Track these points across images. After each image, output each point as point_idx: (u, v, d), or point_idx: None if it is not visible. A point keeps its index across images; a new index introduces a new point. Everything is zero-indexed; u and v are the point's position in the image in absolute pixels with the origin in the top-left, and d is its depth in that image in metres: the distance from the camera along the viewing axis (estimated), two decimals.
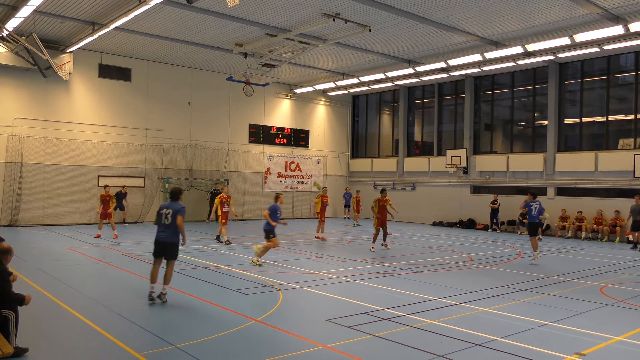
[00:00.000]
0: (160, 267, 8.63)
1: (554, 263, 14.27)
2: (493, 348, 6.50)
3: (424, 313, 8.14)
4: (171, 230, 8.41)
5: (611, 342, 6.90)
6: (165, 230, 8.42)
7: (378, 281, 10.81)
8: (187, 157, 25.23)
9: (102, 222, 17.32)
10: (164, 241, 8.43)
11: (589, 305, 8.97)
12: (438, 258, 14.48)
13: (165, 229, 8.42)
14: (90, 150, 22.48)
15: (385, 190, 16.27)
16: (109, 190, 17.28)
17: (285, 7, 16.38)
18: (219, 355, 6.17)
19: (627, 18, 16.46)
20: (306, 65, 24.30)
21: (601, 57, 21.25)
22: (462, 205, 26.16)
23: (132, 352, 6.09)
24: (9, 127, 20.65)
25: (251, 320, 7.53)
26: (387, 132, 31.14)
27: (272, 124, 28.64)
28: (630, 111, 21.03)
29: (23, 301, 6.00)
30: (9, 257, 6.20)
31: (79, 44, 20.01)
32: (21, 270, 10.70)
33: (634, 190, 19.54)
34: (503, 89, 25.50)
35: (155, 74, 24.26)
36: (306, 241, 18.11)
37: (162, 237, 8.44)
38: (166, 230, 8.42)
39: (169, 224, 8.39)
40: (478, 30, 18.58)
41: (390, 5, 16.06)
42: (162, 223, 8.44)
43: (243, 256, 13.84)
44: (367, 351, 6.33)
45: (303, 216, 29.69)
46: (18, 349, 5.83)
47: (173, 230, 8.41)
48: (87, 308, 8.15)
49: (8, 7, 16.69)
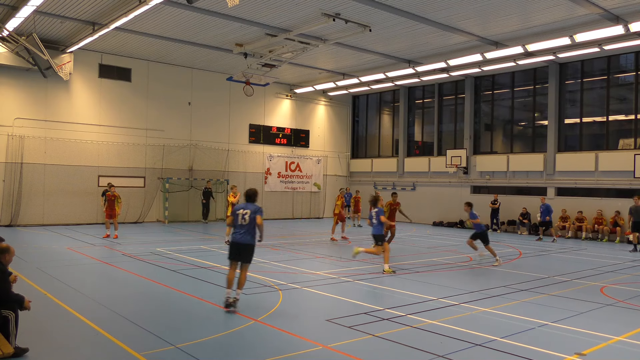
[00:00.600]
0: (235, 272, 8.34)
1: (554, 263, 14.27)
2: (493, 348, 6.50)
3: (424, 313, 8.14)
4: (249, 231, 8.25)
5: (611, 342, 6.90)
6: (242, 231, 8.24)
7: (378, 281, 10.81)
8: (187, 157, 25.23)
9: (108, 221, 17.35)
10: (241, 242, 8.23)
11: (589, 305, 8.97)
12: (438, 258, 14.48)
13: (242, 229, 8.24)
14: (90, 150, 22.48)
15: (396, 193, 15.81)
16: (114, 190, 17.29)
17: (285, 7, 16.38)
18: (219, 355, 6.16)
19: (627, 18, 16.45)
20: (306, 65, 24.30)
21: (601, 57, 21.24)
22: (462, 206, 26.04)
23: (132, 352, 6.09)
24: (9, 127, 20.66)
25: (251, 320, 7.53)
26: (387, 132, 31.14)
27: (272, 124, 28.64)
28: (630, 111, 21.02)
29: (23, 302, 6.00)
30: (9, 257, 6.19)
31: (79, 44, 20.02)
32: (21, 270, 10.70)
33: (634, 190, 19.54)
34: (503, 89, 25.49)
35: (155, 74, 24.26)
36: (306, 241, 18.10)
37: (239, 238, 8.24)
38: (244, 231, 8.25)
39: (246, 224, 8.22)
40: (478, 31, 18.58)
41: (390, 5, 16.06)
42: (239, 224, 8.26)
43: None
44: (367, 351, 6.33)
45: (303, 216, 29.70)
46: (18, 349, 5.83)
47: (250, 231, 8.26)
48: (87, 308, 8.15)
49: (8, 7, 16.69)
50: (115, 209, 17.06)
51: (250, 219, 8.22)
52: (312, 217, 29.97)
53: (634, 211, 17.10)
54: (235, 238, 8.29)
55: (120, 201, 17.31)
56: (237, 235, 8.29)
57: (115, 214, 17.08)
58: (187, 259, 13.16)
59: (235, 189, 16.85)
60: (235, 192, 16.61)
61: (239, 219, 8.29)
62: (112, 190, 17.18)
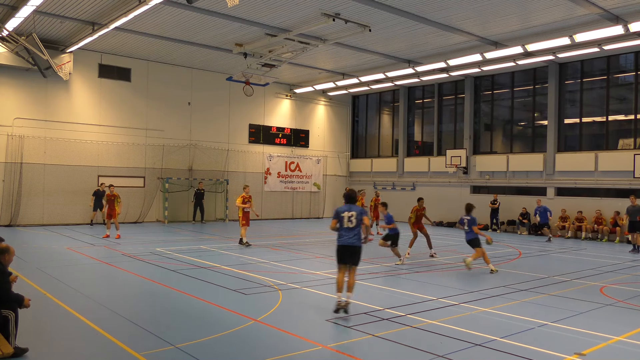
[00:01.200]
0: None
1: (553, 263, 14.28)
2: (493, 348, 6.50)
3: (424, 313, 8.15)
4: (357, 234, 8.16)
5: (611, 342, 6.90)
6: (349, 234, 8.13)
7: (378, 281, 10.81)
8: (187, 157, 25.22)
9: (109, 222, 17.36)
10: (350, 244, 8.11)
11: (589, 305, 8.97)
12: (438, 258, 14.48)
13: (349, 232, 8.12)
14: (90, 150, 22.48)
15: (422, 199, 15.66)
16: (114, 190, 17.29)
17: (285, 7, 16.38)
18: (218, 355, 6.16)
19: (627, 18, 16.45)
20: (306, 65, 24.30)
21: (601, 57, 21.25)
22: (462, 205, 25.94)
23: (132, 352, 6.09)
24: (9, 127, 20.65)
25: (251, 320, 7.53)
26: (387, 132, 31.14)
27: (272, 124, 28.64)
28: (630, 111, 21.03)
29: (22, 301, 6.00)
30: (9, 257, 6.19)
31: (79, 44, 20.01)
32: (21, 270, 10.70)
33: (634, 190, 19.55)
34: (503, 89, 25.50)
35: (155, 74, 24.26)
36: (306, 241, 18.09)
37: (347, 240, 8.13)
38: (351, 233, 8.13)
39: (353, 226, 8.11)
40: (478, 31, 18.58)
41: (390, 5, 16.07)
42: (346, 227, 8.14)
43: (243, 256, 13.84)
44: (367, 351, 6.34)
45: (303, 216, 29.69)
46: (18, 349, 5.83)
47: (358, 234, 8.17)
48: (87, 308, 8.15)
49: (8, 7, 16.69)
50: (116, 209, 17.05)
51: (357, 220, 8.12)
52: (312, 217, 29.97)
53: (630, 211, 17.08)
54: (344, 241, 8.13)
55: (119, 201, 17.29)
56: (345, 239, 8.13)
57: (115, 214, 17.07)
58: (187, 259, 13.16)
59: (248, 188, 16.54)
60: (248, 192, 16.38)
61: (344, 222, 8.13)
62: (112, 190, 17.18)
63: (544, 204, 21.23)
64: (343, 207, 8.29)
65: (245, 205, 16.02)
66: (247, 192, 16.31)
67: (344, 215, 8.16)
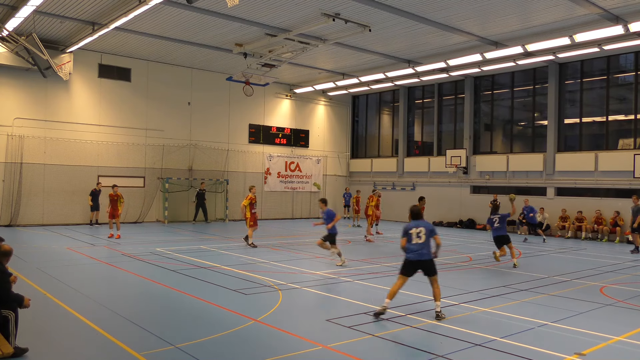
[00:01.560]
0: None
1: (554, 263, 14.27)
2: (493, 348, 6.50)
3: (424, 313, 8.15)
4: (426, 247, 8.25)
5: (611, 342, 6.90)
6: (420, 249, 8.20)
7: (378, 281, 10.80)
8: (187, 157, 25.22)
9: (111, 221, 17.42)
10: (420, 259, 8.19)
11: (589, 305, 8.97)
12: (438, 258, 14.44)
13: (419, 248, 8.20)
14: (90, 150, 22.48)
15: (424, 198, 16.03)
16: (117, 190, 17.32)
17: (285, 7, 16.38)
18: (218, 355, 6.16)
19: (627, 18, 16.45)
20: (306, 65, 24.30)
21: (601, 57, 21.25)
22: (462, 205, 26.17)
23: (132, 352, 6.09)
24: (9, 127, 20.65)
25: (251, 320, 7.53)
26: (387, 132, 31.14)
27: (272, 124, 28.64)
28: (630, 111, 21.03)
29: (22, 302, 6.00)
30: (9, 258, 6.20)
31: (78, 44, 20.01)
32: (21, 270, 10.70)
33: (634, 190, 19.54)
34: (503, 89, 25.50)
35: (155, 74, 24.26)
36: (306, 241, 18.09)
37: (416, 256, 8.18)
38: (421, 248, 8.21)
39: (422, 242, 8.20)
40: (478, 31, 18.58)
41: (390, 5, 16.07)
42: (414, 242, 8.22)
43: (243, 256, 13.84)
44: (367, 351, 6.33)
45: (303, 216, 29.69)
46: (18, 349, 5.83)
47: (427, 247, 8.28)
48: (87, 308, 8.15)
49: (8, 7, 16.69)
50: (118, 209, 17.11)
51: (427, 237, 8.25)
52: (311, 217, 29.96)
53: (635, 211, 16.95)
54: (413, 257, 8.19)
55: (122, 201, 17.36)
56: (414, 254, 8.18)
57: (118, 214, 17.13)
58: (186, 259, 13.16)
59: (254, 189, 16.36)
60: (254, 192, 16.22)
61: (413, 238, 8.22)
62: (115, 190, 17.23)
63: (531, 204, 21.37)
64: (411, 224, 8.37)
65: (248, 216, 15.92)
66: (254, 192, 16.21)
67: (412, 232, 8.26)
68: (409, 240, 8.25)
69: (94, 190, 21.43)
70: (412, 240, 8.21)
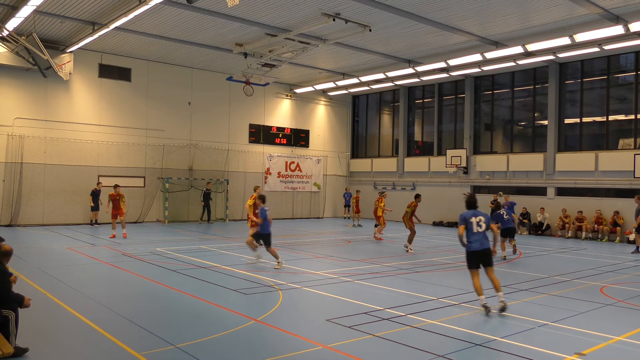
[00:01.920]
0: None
1: (554, 263, 14.27)
2: (493, 348, 6.50)
3: (424, 313, 8.15)
4: (485, 237, 8.36)
5: (611, 342, 6.90)
6: (480, 239, 8.30)
7: (378, 281, 10.80)
8: (187, 157, 25.23)
9: (114, 222, 17.44)
10: (483, 248, 8.29)
11: (589, 305, 8.97)
12: (438, 258, 14.48)
13: (480, 237, 8.30)
14: (90, 150, 22.48)
15: (420, 196, 16.12)
16: (119, 190, 17.34)
17: (285, 7, 16.38)
18: (218, 355, 6.16)
19: (627, 18, 16.45)
20: (306, 65, 24.30)
21: (601, 57, 21.24)
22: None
23: (132, 352, 6.09)
24: (9, 127, 20.65)
25: (251, 320, 7.53)
26: (387, 132, 31.14)
27: (272, 124, 28.64)
28: (630, 111, 21.02)
29: (23, 301, 6.00)
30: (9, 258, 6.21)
31: (79, 44, 20.01)
32: (21, 270, 10.70)
33: (634, 190, 19.53)
34: (503, 89, 25.49)
35: (155, 74, 24.26)
36: (306, 241, 18.10)
37: (478, 245, 8.27)
38: (481, 238, 8.32)
39: (482, 231, 8.31)
40: (478, 30, 18.58)
41: (390, 5, 16.06)
42: (476, 232, 8.28)
43: (243, 256, 13.84)
44: (367, 351, 6.33)
45: (303, 216, 29.69)
46: (18, 349, 5.83)
47: (486, 237, 8.39)
48: (87, 308, 8.15)
49: (8, 7, 16.69)
50: (121, 209, 17.14)
51: (486, 225, 8.36)
52: (312, 217, 29.97)
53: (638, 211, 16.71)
54: (476, 247, 8.28)
55: (124, 200, 17.40)
56: (477, 244, 8.28)
57: (121, 213, 17.17)
58: (187, 259, 13.16)
59: (259, 189, 15.89)
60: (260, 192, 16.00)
61: (474, 227, 8.29)
62: (117, 190, 17.26)
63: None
64: (469, 213, 8.41)
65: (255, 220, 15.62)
66: (259, 192, 15.98)
67: (472, 221, 8.30)
68: (469, 229, 8.30)
69: (95, 190, 21.44)
70: (473, 229, 8.28)
